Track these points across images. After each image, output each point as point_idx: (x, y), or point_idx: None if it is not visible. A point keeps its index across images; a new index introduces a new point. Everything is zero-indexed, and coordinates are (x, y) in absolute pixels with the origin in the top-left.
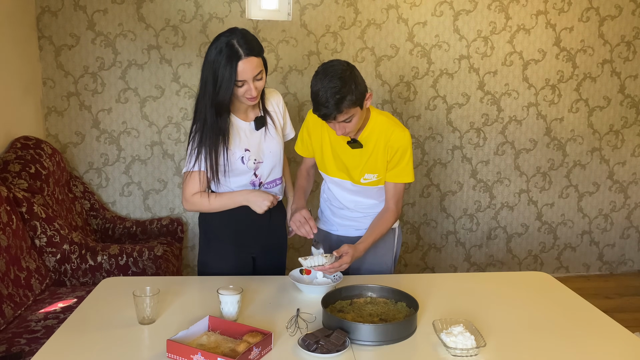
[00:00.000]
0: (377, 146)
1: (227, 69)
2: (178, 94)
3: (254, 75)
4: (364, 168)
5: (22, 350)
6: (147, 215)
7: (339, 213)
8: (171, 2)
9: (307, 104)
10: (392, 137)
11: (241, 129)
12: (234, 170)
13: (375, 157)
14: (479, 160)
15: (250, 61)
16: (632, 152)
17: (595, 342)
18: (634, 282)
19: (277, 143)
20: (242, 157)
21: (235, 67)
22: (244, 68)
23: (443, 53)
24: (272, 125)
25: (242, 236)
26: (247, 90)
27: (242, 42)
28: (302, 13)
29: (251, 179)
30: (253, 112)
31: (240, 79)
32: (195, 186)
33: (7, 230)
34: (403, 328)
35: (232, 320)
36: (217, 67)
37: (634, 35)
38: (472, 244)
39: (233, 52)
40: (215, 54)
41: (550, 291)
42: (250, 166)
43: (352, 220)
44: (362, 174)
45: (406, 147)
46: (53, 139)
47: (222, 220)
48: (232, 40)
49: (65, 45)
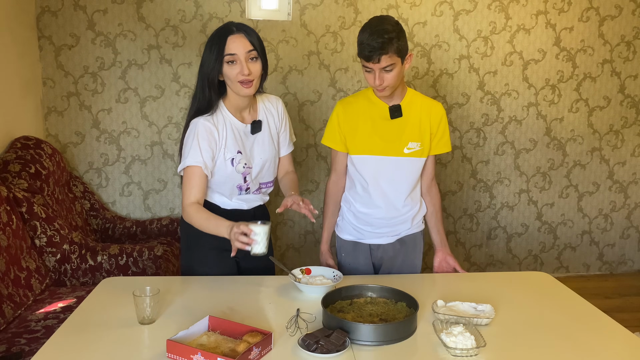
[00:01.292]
0: (419, 115)
1: (216, 45)
2: (178, 94)
3: (246, 52)
4: (408, 136)
5: (22, 350)
6: (147, 215)
7: (370, 219)
8: (171, 2)
9: (307, 104)
10: (433, 108)
11: (236, 129)
12: (221, 172)
13: (418, 125)
14: (479, 160)
15: (241, 37)
16: (632, 152)
17: (595, 342)
18: (634, 282)
19: (270, 150)
20: (232, 158)
21: (225, 41)
22: (234, 42)
23: (443, 53)
24: (267, 130)
25: (222, 241)
26: (240, 70)
27: (236, 24)
28: (302, 13)
29: (238, 183)
30: (250, 114)
31: (228, 52)
32: (194, 190)
33: (7, 230)
34: (403, 328)
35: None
36: (210, 45)
37: (634, 35)
38: (472, 244)
39: (225, 28)
40: (211, 35)
41: (550, 291)
42: (240, 170)
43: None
44: (406, 143)
45: (445, 117)
46: (53, 139)
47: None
48: (227, 23)
49: (65, 45)
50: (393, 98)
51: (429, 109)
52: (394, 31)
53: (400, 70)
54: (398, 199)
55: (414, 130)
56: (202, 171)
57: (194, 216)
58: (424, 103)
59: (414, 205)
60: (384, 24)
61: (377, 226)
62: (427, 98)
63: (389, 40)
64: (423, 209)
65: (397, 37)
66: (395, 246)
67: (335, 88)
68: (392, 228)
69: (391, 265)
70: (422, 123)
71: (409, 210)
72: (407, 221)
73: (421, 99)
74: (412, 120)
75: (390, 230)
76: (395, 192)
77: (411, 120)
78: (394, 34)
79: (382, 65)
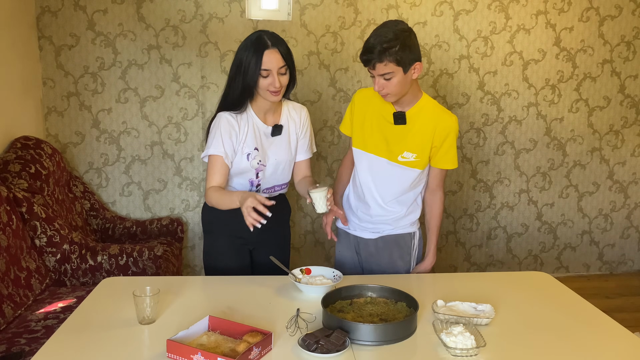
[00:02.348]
0: (424, 127)
1: (254, 57)
2: (178, 94)
3: (279, 67)
4: (405, 145)
5: (22, 350)
6: (147, 215)
7: (358, 211)
8: (171, 2)
9: (307, 104)
10: (442, 122)
11: (257, 128)
12: (236, 164)
13: (420, 137)
14: (479, 160)
15: (275, 53)
16: (632, 152)
17: (595, 342)
18: (634, 282)
19: (286, 153)
20: (248, 154)
21: (261, 56)
22: (269, 57)
23: (443, 53)
24: (287, 135)
25: (238, 229)
26: (272, 82)
27: (269, 35)
28: (302, 13)
29: (250, 178)
30: (273, 116)
31: (264, 68)
32: (216, 177)
33: (7, 230)
34: (403, 328)
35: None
36: (245, 55)
37: (634, 35)
38: (472, 244)
39: (261, 42)
40: (245, 44)
41: (550, 291)
42: (254, 165)
43: (368, 222)
44: (402, 151)
45: (456, 132)
46: (53, 139)
47: (214, 213)
48: (262, 34)
49: (65, 45)
50: (402, 104)
51: (437, 121)
52: (396, 39)
53: (403, 79)
54: (384, 200)
55: (414, 140)
56: (223, 160)
57: (212, 195)
58: (434, 114)
59: (401, 209)
60: (385, 31)
61: (362, 219)
62: (440, 109)
63: (385, 49)
64: (415, 214)
65: (398, 46)
66: (378, 244)
67: (335, 88)
68: (374, 225)
69: (372, 261)
70: (425, 135)
71: (395, 213)
72: (390, 222)
73: (432, 110)
74: (415, 129)
75: (373, 227)
76: (382, 193)
77: (414, 130)
78: (394, 42)
79: (378, 72)
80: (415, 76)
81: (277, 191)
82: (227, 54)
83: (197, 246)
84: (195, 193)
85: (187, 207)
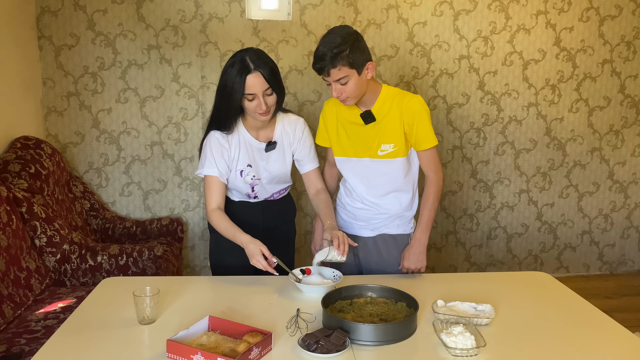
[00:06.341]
0: (390, 115)
1: (237, 82)
2: (178, 94)
3: (263, 90)
4: (381, 139)
5: (22, 350)
6: (147, 215)
7: (357, 213)
8: (171, 2)
9: (307, 104)
10: (405, 105)
11: (249, 145)
12: (231, 180)
13: (391, 126)
14: (479, 160)
15: (258, 77)
16: (632, 152)
17: (595, 342)
18: (634, 282)
19: (280, 167)
20: (242, 170)
21: (244, 80)
22: (252, 82)
23: (443, 53)
24: (282, 149)
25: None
26: (258, 104)
27: (254, 57)
28: (302, 13)
29: (246, 192)
30: (265, 132)
31: (248, 92)
32: (214, 197)
33: (7, 230)
34: (403, 328)
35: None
36: (228, 78)
37: (634, 35)
38: (472, 244)
39: (244, 65)
40: (228, 67)
41: (550, 291)
42: (248, 181)
43: (363, 221)
44: (379, 145)
45: (421, 111)
46: (53, 139)
47: None
48: (245, 56)
49: (65, 45)
50: (365, 103)
51: (400, 106)
52: (345, 43)
53: (359, 81)
54: (378, 198)
55: (386, 131)
56: (218, 180)
57: (216, 224)
58: (396, 101)
59: (399, 205)
60: (333, 37)
61: (358, 219)
62: (401, 94)
63: (336, 55)
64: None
65: (348, 49)
66: (377, 242)
67: None
68: (371, 223)
69: (370, 260)
70: (394, 123)
71: (391, 209)
72: (387, 219)
73: (394, 97)
74: (385, 121)
75: (370, 225)
76: (374, 191)
77: (384, 122)
78: (344, 46)
79: (333, 78)
80: (369, 76)
81: (277, 198)
82: (227, 54)
83: (197, 246)
84: (195, 193)
85: (187, 207)
